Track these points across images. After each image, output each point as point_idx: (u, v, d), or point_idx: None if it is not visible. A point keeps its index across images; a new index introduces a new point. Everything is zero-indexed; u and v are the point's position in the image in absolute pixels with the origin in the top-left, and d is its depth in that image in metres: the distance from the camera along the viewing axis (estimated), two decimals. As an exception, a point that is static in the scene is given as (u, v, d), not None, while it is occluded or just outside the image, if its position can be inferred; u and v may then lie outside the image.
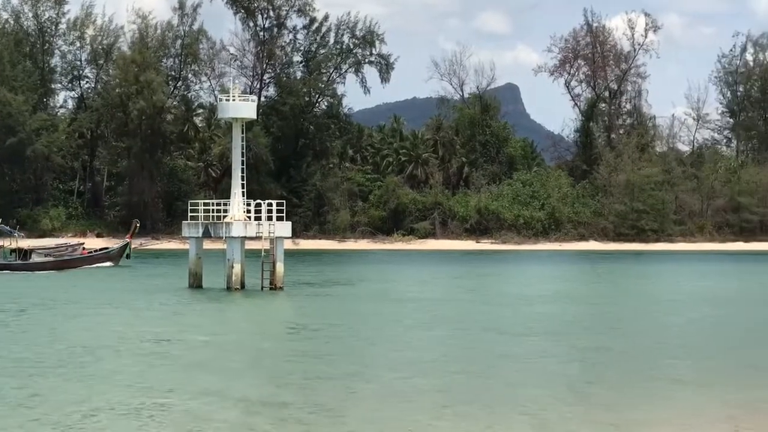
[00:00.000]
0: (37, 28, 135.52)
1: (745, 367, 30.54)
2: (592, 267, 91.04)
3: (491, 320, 43.10)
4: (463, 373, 28.89)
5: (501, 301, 53.45)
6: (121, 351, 33.13)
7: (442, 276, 76.90)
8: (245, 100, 57.96)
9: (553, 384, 27.02)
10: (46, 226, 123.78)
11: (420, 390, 26.07)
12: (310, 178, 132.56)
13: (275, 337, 38.47)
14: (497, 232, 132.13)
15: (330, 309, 48.23)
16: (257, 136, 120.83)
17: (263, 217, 54.63)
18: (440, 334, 38.52)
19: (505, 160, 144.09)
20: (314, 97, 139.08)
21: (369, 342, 36.15)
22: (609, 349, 34.48)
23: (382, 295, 56.28)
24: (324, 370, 29.15)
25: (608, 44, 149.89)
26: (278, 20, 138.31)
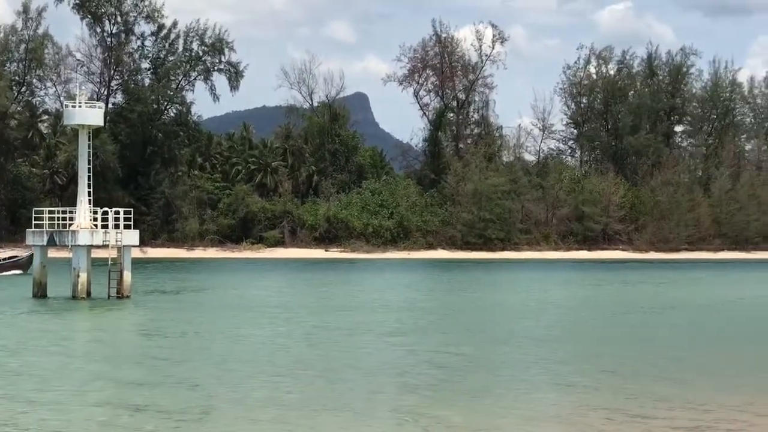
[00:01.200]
0: None
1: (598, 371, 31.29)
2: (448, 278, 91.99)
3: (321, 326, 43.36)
4: (287, 375, 29.05)
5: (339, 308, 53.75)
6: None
7: (289, 284, 76.93)
8: (92, 107, 57.21)
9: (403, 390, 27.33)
10: None
11: (257, 394, 26.14)
12: (158, 186, 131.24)
13: (118, 345, 38.06)
14: (346, 240, 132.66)
15: (176, 317, 47.88)
16: (104, 144, 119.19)
17: (110, 225, 53.98)
18: (284, 340, 38.61)
19: (354, 168, 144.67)
20: (163, 104, 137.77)
21: (210, 350, 36.00)
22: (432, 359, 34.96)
23: (229, 303, 56.09)
24: (165, 377, 28.98)
25: (456, 55, 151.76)
26: (126, 26, 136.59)
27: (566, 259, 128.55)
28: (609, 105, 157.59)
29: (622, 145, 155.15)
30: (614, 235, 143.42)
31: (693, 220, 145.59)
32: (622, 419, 23.56)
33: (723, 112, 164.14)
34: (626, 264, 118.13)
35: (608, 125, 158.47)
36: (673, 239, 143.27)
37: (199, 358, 33.94)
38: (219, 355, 34.31)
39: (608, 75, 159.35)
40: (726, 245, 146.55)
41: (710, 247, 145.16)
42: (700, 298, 64.20)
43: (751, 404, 25.50)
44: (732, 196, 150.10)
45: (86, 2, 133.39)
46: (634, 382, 28.87)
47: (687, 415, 24.03)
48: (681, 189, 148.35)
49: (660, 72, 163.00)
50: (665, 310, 55.37)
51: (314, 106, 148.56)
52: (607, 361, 33.61)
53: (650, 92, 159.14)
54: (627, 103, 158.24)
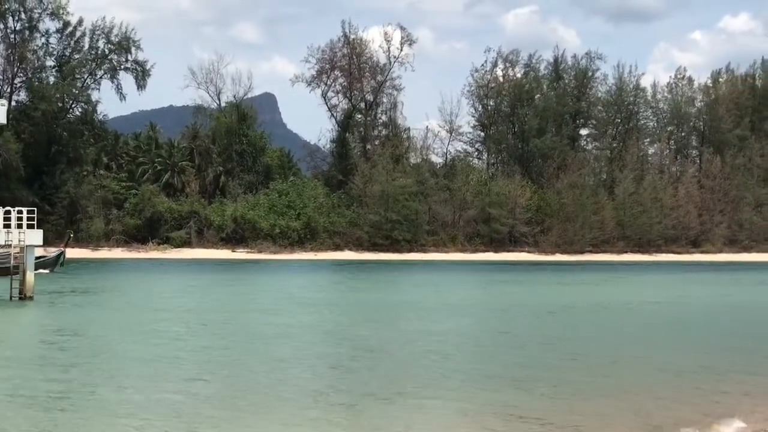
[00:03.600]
0: None
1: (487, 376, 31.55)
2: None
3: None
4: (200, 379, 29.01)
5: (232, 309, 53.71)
6: None
7: (196, 285, 76.60)
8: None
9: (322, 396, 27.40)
10: None
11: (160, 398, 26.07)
12: (63, 186, 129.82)
13: (18, 346, 37.64)
14: (253, 241, 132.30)
15: (80, 318, 47.44)
16: (8, 142, 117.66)
17: (13, 225, 53.30)
18: (191, 341, 38.46)
19: (261, 169, 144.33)
20: (68, 102, 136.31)
21: (114, 351, 35.76)
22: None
23: (134, 304, 55.72)
24: (66, 380, 28.77)
25: (365, 56, 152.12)
26: (30, 23, 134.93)
27: (472, 260, 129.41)
28: (515, 108, 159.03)
29: (529, 147, 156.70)
30: (520, 237, 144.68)
31: (597, 222, 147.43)
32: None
33: (627, 116, 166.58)
34: (530, 266, 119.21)
35: (515, 128, 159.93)
36: (578, 241, 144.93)
37: (98, 358, 33.73)
38: (119, 355, 34.13)
39: (515, 78, 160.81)
40: (629, 247, 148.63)
41: (614, 249, 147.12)
42: (590, 300, 64.81)
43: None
44: (635, 199, 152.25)
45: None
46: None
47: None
48: (586, 191, 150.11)
49: (566, 76, 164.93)
50: (553, 312, 55.98)
51: (222, 106, 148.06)
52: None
53: (556, 96, 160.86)
54: (533, 106, 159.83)
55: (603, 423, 23.40)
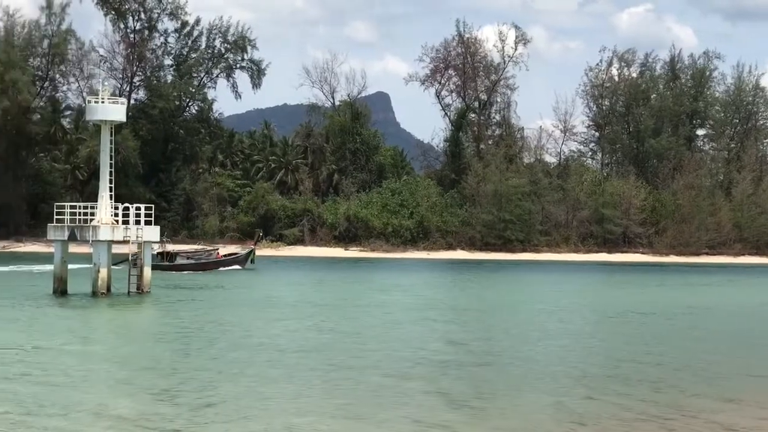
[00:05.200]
0: None
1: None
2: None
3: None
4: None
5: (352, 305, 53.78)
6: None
7: (308, 281, 76.97)
8: (114, 103, 57.23)
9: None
10: None
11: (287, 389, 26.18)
12: (179, 183, 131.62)
13: (140, 341, 38.17)
14: (366, 239, 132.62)
15: (196, 313, 48.01)
16: (126, 140, 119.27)
17: (131, 221, 54.08)
18: (303, 336, 38.63)
19: (374, 168, 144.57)
20: (184, 101, 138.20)
21: (233, 346, 36.02)
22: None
23: (249, 300, 56.14)
24: (186, 374, 29.06)
25: (479, 55, 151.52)
26: (149, 23, 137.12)
27: (585, 261, 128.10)
28: (631, 108, 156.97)
29: (644, 148, 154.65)
30: (634, 239, 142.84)
31: (714, 224, 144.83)
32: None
33: (746, 116, 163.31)
34: (646, 267, 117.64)
35: (630, 128, 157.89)
36: (694, 243, 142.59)
37: (217, 351, 34.05)
38: (236, 349, 34.39)
39: (630, 77, 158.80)
40: (747, 250, 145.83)
41: (731, 251, 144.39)
42: (714, 303, 63.83)
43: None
44: (754, 201, 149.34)
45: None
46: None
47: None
48: (702, 193, 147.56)
49: (683, 75, 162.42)
50: (681, 314, 55.16)
51: (336, 105, 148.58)
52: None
53: (672, 95, 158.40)
54: (649, 106, 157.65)
55: None
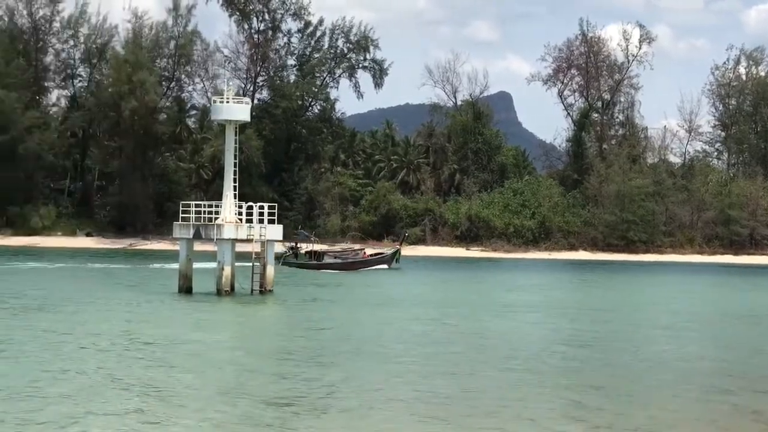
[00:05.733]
0: (32, 26, 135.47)
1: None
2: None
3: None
4: (438, 375, 28.90)
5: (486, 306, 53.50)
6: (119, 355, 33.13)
7: (429, 280, 76.87)
8: (239, 103, 57.75)
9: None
10: (36, 225, 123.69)
11: (415, 394, 26.12)
12: (301, 182, 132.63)
13: (263, 339, 38.46)
14: (487, 239, 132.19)
15: (318, 312, 48.24)
16: (250, 139, 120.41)
17: (254, 220, 54.50)
18: (425, 335, 38.53)
19: (496, 168, 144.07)
20: (307, 100, 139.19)
21: (357, 345, 36.06)
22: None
23: (370, 299, 56.26)
24: (308, 372, 29.14)
25: (602, 54, 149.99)
26: (273, 23, 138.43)
27: (710, 263, 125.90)
28: (759, 107, 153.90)
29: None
30: (762, 240, 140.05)
31: None
32: None
33: None
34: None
35: (758, 128, 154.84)
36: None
37: (348, 350, 34.15)
38: (369, 348, 34.45)
39: (759, 76, 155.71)
40: None
41: None
42: None
43: None
44: None
45: (235, 0, 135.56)
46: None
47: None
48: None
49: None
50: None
51: (458, 105, 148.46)
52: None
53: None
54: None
55: None
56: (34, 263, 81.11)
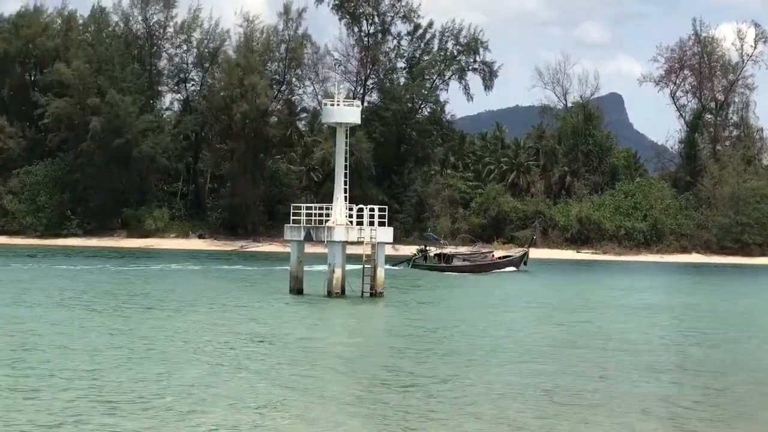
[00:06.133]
0: (146, 32, 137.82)
1: None
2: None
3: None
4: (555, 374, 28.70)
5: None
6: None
7: (546, 283, 76.43)
8: (350, 105, 58.02)
9: None
10: (150, 227, 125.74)
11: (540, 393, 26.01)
12: (411, 184, 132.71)
13: (377, 341, 38.61)
14: (598, 242, 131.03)
15: (431, 314, 48.24)
16: (360, 142, 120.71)
17: (365, 222, 54.61)
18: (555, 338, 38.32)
19: (607, 170, 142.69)
20: (417, 103, 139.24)
21: (471, 347, 35.97)
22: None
23: (484, 301, 56.13)
24: (423, 374, 29.15)
25: (716, 54, 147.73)
26: (383, 26, 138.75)
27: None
28: None
29: None
30: None
31: None
32: None
33: None
34: None
35: None
36: None
37: (463, 352, 34.12)
38: (478, 352, 34.36)
39: None
40: None
41: None
42: None
43: None
44: None
45: (345, 3, 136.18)
46: None
47: None
48: None
49: None
50: None
51: (568, 107, 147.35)
52: None
53: None
54: None
55: None
56: (162, 265, 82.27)
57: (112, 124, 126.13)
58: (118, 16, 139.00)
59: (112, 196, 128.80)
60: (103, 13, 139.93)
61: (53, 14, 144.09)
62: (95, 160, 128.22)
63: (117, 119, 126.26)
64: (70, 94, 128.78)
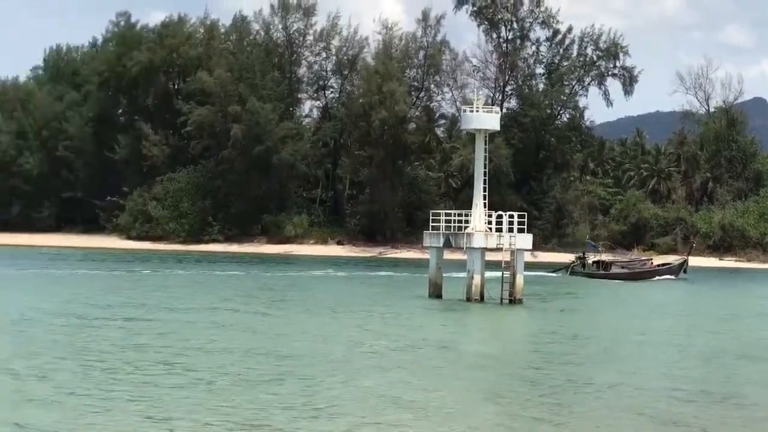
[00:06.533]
0: (286, 40, 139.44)
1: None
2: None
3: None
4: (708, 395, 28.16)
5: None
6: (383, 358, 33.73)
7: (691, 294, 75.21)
8: (489, 112, 57.89)
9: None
10: (290, 233, 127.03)
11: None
12: (550, 191, 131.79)
13: (519, 347, 38.46)
14: (741, 249, 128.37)
15: (572, 323, 47.84)
16: (498, 148, 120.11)
17: (504, 229, 54.37)
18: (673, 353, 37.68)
19: (751, 175, 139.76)
20: (556, 109, 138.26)
21: (615, 358, 35.57)
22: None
23: (629, 311, 55.48)
24: (566, 383, 28.92)
25: None
26: (522, 32, 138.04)
27: None
28: None
29: None
30: None
31: None
32: None
33: None
34: None
35: None
36: None
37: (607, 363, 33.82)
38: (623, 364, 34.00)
39: None
40: None
41: None
42: None
43: None
44: None
45: (483, 9, 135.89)
46: None
47: None
48: None
49: None
50: None
51: (710, 112, 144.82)
52: None
53: None
54: None
55: None
56: (309, 271, 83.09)
57: (252, 131, 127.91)
58: (259, 24, 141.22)
59: (253, 202, 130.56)
60: (245, 22, 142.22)
61: (196, 24, 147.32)
62: (236, 167, 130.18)
63: (257, 126, 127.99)
64: (212, 102, 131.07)
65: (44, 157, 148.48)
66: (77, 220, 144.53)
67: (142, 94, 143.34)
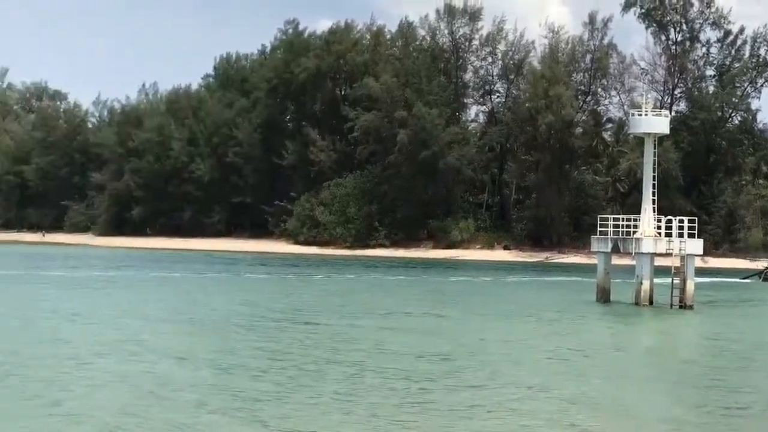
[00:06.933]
0: (452, 45, 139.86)
1: None
2: None
3: None
4: None
5: None
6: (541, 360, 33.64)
7: None
8: (658, 115, 57.16)
9: None
10: (456, 238, 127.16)
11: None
12: (720, 195, 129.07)
13: (691, 355, 37.90)
14: None
15: (747, 329, 46.86)
16: (667, 152, 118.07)
17: (674, 234, 53.58)
18: None
19: None
20: (727, 111, 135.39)
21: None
22: None
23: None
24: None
25: None
26: (691, 34, 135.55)
27: None
28: None
29: None
30: None
31: None
32: None
33: None
34: None
35: None
36: None
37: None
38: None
39: None
40: None
41: None
42: None
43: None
44: None
45: (652, 11, 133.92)
46: None
47: None
48: None
49: None
50: None
51: None
52: None
53: None
54: None
55: None
56: (477, 277, 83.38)
57: (419, 136, 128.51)
58: (425, 30, 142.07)
59: (419, 207, 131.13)
60: (411, 28, 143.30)
61: (362, 30, 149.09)
62: (402, 172, 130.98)
63: (424, 131, 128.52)
64: (378, 107, 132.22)
65: (215, 163, 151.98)
66: (246, 224, 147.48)
67: (310, 100, 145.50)
